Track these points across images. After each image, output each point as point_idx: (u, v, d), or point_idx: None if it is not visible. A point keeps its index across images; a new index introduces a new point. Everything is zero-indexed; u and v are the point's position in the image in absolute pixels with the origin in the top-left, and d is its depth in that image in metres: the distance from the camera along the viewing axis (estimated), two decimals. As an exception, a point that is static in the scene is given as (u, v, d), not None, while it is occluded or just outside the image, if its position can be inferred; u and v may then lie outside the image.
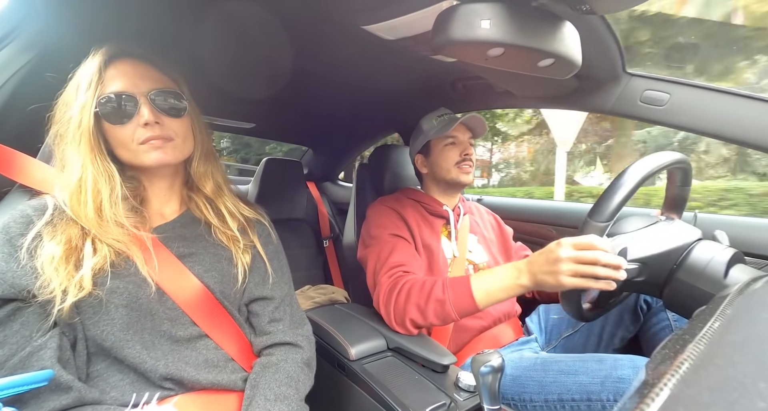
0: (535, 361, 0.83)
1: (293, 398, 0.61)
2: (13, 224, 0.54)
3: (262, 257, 0.71)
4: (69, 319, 0.53)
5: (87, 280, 0.52)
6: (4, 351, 0.49)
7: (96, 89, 0.56)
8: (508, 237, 1.21)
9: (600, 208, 0.67)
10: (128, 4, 0.77)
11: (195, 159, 0.68)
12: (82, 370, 0.54)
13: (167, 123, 0.61)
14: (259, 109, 1.48)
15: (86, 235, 0.55)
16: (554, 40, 0.55)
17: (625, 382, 0.68)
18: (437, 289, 0.81)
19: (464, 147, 1.07)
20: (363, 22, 0.72)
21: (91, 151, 0.57)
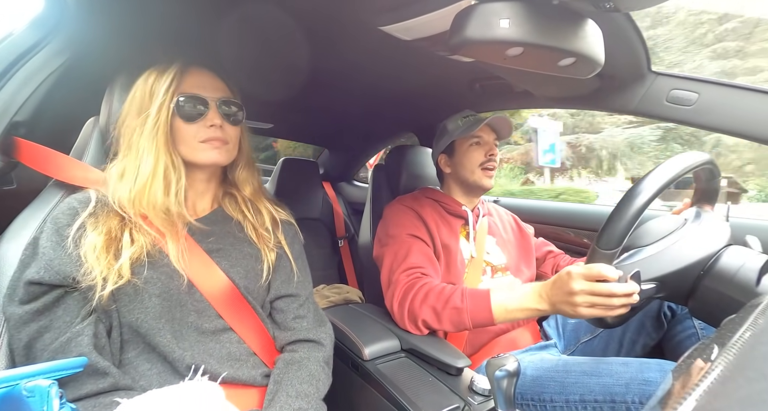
0: (556, 363, 0.81)
1: (313, 396, 0.63)
2: (61, 215, 0.57)
3: (288, 256, 0.74)
4: (107, 306, 0.56)
5: (125, 269, 0.55)
6: (50, 334, 0.52)
7: (174, 90, 0.63)
8: (528, 237, 1.19)
9: (606, 235, 0.64)
10: (152, 9, 0.80)
11: (239, 165, 0.74)
12: (115, 356, 0.57)
13: (227, 128, 0.67)
14: (277, 109, 1.50)
15: (125, 226, 0.59)
16: (576, 39, 0.54)
17: (652, 385, 0.67)
18: (456, 296, 0.81)
19: (489, 147, 1.06)
20: (380, 23, 0.73)
21: (165, 143, 0.62)
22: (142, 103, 0.63)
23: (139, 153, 0.61)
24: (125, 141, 0.63)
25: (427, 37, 0.75)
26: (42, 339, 0.52)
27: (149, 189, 0.60)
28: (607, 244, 0.64)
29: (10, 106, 0.72)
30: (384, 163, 1.34)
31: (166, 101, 0.62)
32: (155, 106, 0.61)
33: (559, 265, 1.16)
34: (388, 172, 1.31)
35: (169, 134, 0.63)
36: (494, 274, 1.03)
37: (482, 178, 1.04)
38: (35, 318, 0.52)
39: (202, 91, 0.65)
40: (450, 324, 0.81)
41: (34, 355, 0.52)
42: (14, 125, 0.73)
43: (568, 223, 1.41)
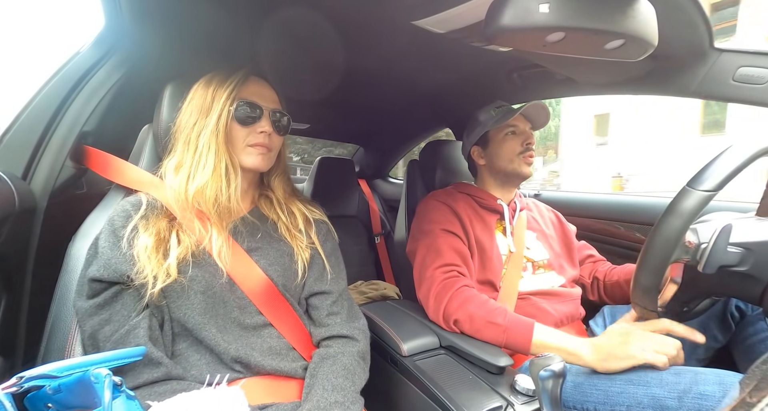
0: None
1: (349, 389, 0.64)
2: (117, 218, 0.63)
3: (321, 255, 0.77)
4: (158, 302, 0.60)
5: (173, 268, 0.59)
6: (109, 327, 0.58)
7: (235, 95, 0.67)
8: (570, 235, 1.13)
9: (709, 170, 0.54)
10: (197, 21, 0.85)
11: (275, 173, 0.78)
12: (168, 348, 0.62)
13: (274, 137, 0.71)
14: (313, 109, 1.54)
15: (173, 227, 0.64)
16: (624, 19, 0.50)
17: (709, 400, 0.60)
18: (499, 314, 0.80)
19: (526, 136, 1.02)
20: (413, 18, 0.72)
21: (225, 143, 0.66)
22: (203, 104, 0.67)
23: (199, 149, 0.65)
24: (183, 138, 0.67)
25: (462, 29, 0.73)
26: (103, 331, 0.57)
27: (212, 184, 0.64)
28: (707, 182, 0.55)
29: (80, 118, 0.80)
30: (419, 159, 1.33)
31: (227, 104, 0.66)
32: (218, 108, 0.65)
33: (597, 270, 1.10)
34: (422, 167, 1.30)
35: (226, 135, 0.67)
36: (536, 271, 0.99)
37: (521, 165, 1.01)
38: (97, 311, 0.58)
39: (259, 100, 0.69)
40: (482, 334, 0.80)
41: (98, 346, 0.57)
42: (83, 135, 0.81)
43: (617, 217, 1.32)
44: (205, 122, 0.66)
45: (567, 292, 0.98)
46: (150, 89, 0.78)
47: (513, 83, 1.14)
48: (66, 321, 0.61)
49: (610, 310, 1.00)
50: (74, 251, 0.65)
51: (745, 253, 0.58)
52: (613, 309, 1.00)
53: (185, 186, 0.64)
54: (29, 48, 0.88)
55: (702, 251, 0.59)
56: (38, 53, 0.86)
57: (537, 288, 0.96)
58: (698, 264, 0.59)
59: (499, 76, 1.12)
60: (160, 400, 0.54)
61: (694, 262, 0.60)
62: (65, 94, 0.79)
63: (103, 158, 0.75)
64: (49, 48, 0.84)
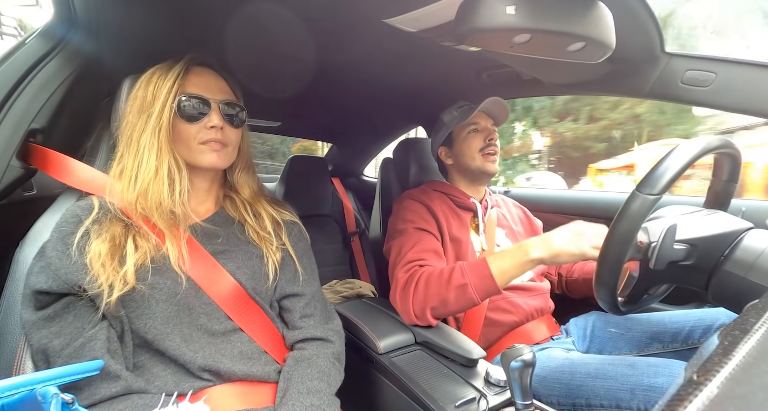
0: (562, 362, 0.80)
1: (325, 392, 0.63)
2: (65, 223, 0.58)
3: (292, 256, 0.74)
4: (115, 313, 0.56)
5: (130, 275, 0.55)
6: (60, 340, 0.53)
7: (177, 89, 0.62)
8: (538, 230, 1.18)
9: (654, 175, 0.59)
10: (157, 14, 0.80)
11: (238, 168, 0.74)
12: (129, 360, 0.58)
13: (227, 131, 0.66)
14: (284, 107, 1.51)
15: (128, 232, 0.59)
16: (585, 23, 0.53)
17: (657, 392, 0.64)
18: (456, 274, 0.80)
19: (487, 132, 1.05)
20: (384, 16, 0.72)
21: (168, 142, 0.62)
22: (144, 101, 0.62)
23: (140, 151, 0.60)
24: (125, 138, 0.63)
25: (433, 28, 0.74)
26: (52, 344, 0.53)
27: (153, 188, 0.59)
28: (652, 186, 0.58)
29: (27, 114, 0.74)
30: (392, 157, 1.33)
31: (168, 100, 0.61)
32: (158, 105, 0.61)
33: (560, 266, 1.15)
34: (396, 165, 1.31)
35: (170, 134, 0.62)
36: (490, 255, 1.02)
37: (485, 163, 1.04)
38: (46, 324, 0.53)
39: (205, 92, 0.64)
40: (457, 304, 0.80)
41: (50, 360, 0.53)
42: (31, 133, 0.75)
43: (582, 213, 1.39)
44: (145, 122, 0.61)
45: (536, 286, 1.02)
46: (106, 85, 0.73)
47: (482, 83, 1.17)
48: (13, 334, 0.57)
49: (602, 319, 0.98)
50: (22, 257, 0.60)
51: (689, 249, 0.64)
52: (606, 318, 0.98)
53: (127, 190, 0.59)
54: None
55: (652, 250, 0.64)
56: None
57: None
58: (649, 261, 0.64)
59: (469, 75, 1.15)
60: None
61: (646, 259, 0.65)
62: (10, 88, 0.72)
63: (55, 158, 0.70)
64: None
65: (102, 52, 0.83)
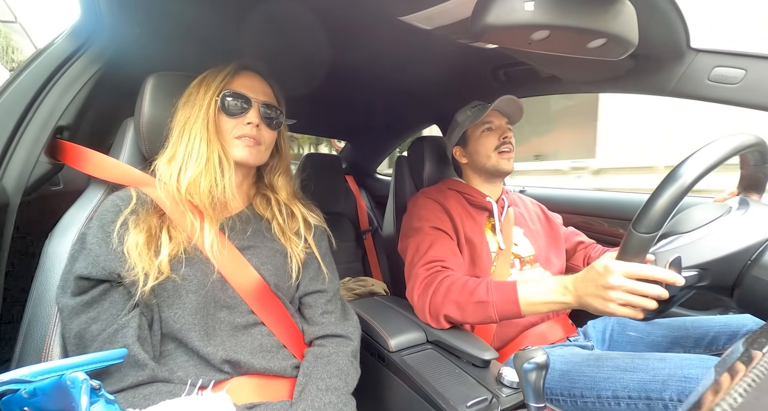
0: (587, 357, 0.79)
1: (342, 390, 0.64)
2: (106, 212, 0.61)
3: (317, 256, 0.76)
4: (148, 301, 0.59)
5: (165, 265, 0.58)
6: (97, 326, 0.56)
7: (224, 86, 0.68)
8: (556, 226, 1.15)
9: (645, 216, 0.58)
10: (177, 14, 0.82)
11: (278, 171, 0.78)
12: (156, 348, 0.60)
13: (263, 130, 0.70)
14: (299, 105, 1.52)
15: (163, 223, 0.62)
16: (606, 19, 0.51)
17: (692, 382, 0.64)
18: (481, 290, 0.79)
19: (502, 131, 1.04)
20: (399, 13, 0.72)
21: (216, 134, 0.66)
22: (196, 95, 0.67)
23: (191, 141, 0.65)
24: (178, 129, 0.67)
25: (449, 25, 0.73)
26: (90, 329, 0.55)
27: (205, 175, 0.63)
28: (646, 226, 0.59)
29: (55, 112, 0.77)
30: (407, 155, 1.33)
31: (215, 95, 0.67)
32: (207, 99, 0.66)
33: (590, 256, 1.12)
34: (410, 164, 1.30)
35: (216, 127, 0.67)
36: (523, 267, 1.01)
37: (500, 162, 1.03)
38: (85, 310, 0.56)
39: (248, 91, 0.69)
40: (475, 317, 0.80)
41: (85, 345, 0.55)
42: (59, 129, 0.78)
43: (599, 213, 1.36)
44: (197, 114, 0.66)
45: None
46: (129, 83, 0.76)
47: (499, 80, 1.16)
48: (43, 322, 0.59)
49: (620, 322, 0.98)
50: (51, 249, 0.63)
51: (701, 273, 0.62)
52: (624, 322, 0.97)
53: (177, 178, 0.63)
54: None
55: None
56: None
57: None
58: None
59: (485, 72, 1.13)
60: (144, 402, 0.53)
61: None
62: (38, 87, 0.75)
63: (82, 153, 0.73)
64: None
65: (126, 51, 0.86)
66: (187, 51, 0.97)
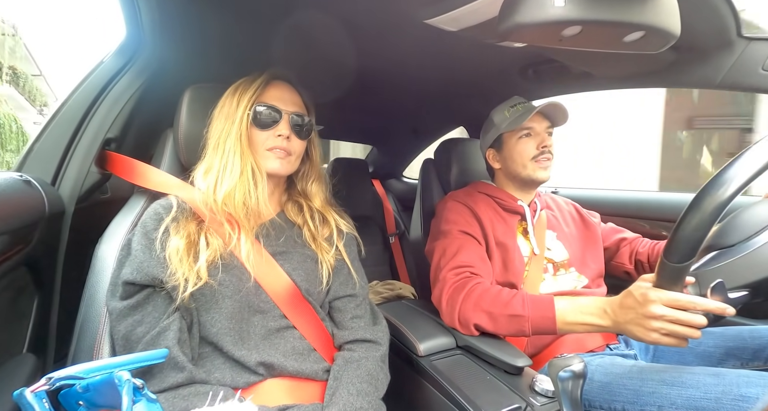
0: (630, 368, 0.74)
1: (373, 395, 0.64)
2: (149, 220, 0.64)
3: (346, 262, 0.77)
4: (188, 305, 0.61)
5: (203, 271, 0.60)
6: (141, 329, 0.59)
7: (255, 99, 0.69)
8: (593, 227, 1.09)
9: (676, 245, 0.53)
10: (213, 29, 0.86)
11: (312, 179, 0.80)
12: (194, 350, 0.62)
13: (293, 141, 0.72)
14: (325, 110, 1.55)
15: (201, 230, 0.65)
16: (644, 9, 0.49)
17: (750, 402, 0.58)
18: (516, 302, 0.77)
19: (541, 138, 0.98)
20: (425, 17, 0.72)
21: (249, 146, 0.68)
22: (229, 108, 0.69)
23: (226, 154, 0.67)
24: (212, 144, 0.69)
25: (474, 26, 0.72)
26: (135, 332, 0.59)
27: (239, 188, 0.65)
28: (678, 256, 0.54)
29: (104, 125, 0.83)
30: (433, 158, 1.32)
31: (247, 108, 0.68)
32: (240, 112, 0.68)
33: (637, 251, 1.05)
34: (437, 166, 1.29)
35: (249, 139, 0.69)
36: (557, 272, 0.97)
37: (536, 171, 0.98)
38: (131, 313, 0.59)
39: (278, 103, 0.70)
40: (506, 330, 0.78)
41: (131, 346, 0.59)
42: (107, 141, 0.84)
43: (639, 214, 1.28)
44: (230, 128, 0.68)
45: (590, 293, 0.96)
46: (169, 96, 0.80)
47: (528, 79, 1.12)
48: (94, 322, 0.63)
49: None
50: (101, 253, 0.67)
51: (754, 292, 0.58)
52: None
53: (213, 190, 0.65)
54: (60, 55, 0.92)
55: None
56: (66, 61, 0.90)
57: (559, 289, 0.94)
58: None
59: (513, 72, 1.10)
60: (183, 403, 0.55)
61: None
62: (90, 103, 0.82)
63: (127, 163, 0.78)
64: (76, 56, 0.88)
65: (166, 65, 0.92)
66: (222, 63, 1.02)
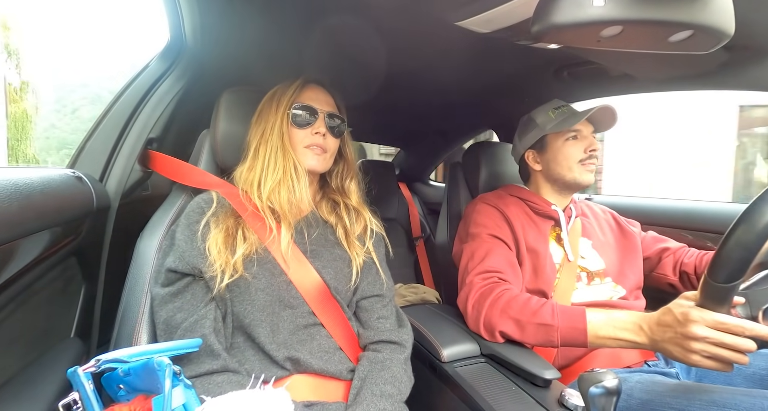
0: (674, 387, 0.69)
1: (396, 398, 0.64)
2: (192, 213, 0.69)
3: (375, 261, 0.78)
4: (223, 295, 0.64)
5: (239, 264, 0.63)
6: (181, 315, 0.62)
7: (293, 100, 0.73)
8: (632, 237, 1.04)
9: (721, 265, 0.50)
10: (248, 35, 0.90)
11: (349, 177, 0.82)
12: (228, 340, 0.65)
13: (329, 139, 0.75)
14: (353, 113, 1.57)
15: (238, 225, 0.68)
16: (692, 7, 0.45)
17: None
18: (545, 312, 0.75)
19: (589, 142, 0.95)
20: (456, 19, 0.71)
21: (288, 145, 0.72)
22: (269, 110, 0.73)
23: (268, 152, 0.71)
24: (254, 144, 0.73)
25: (508, 28, 0.71)
26: (175, 318, 0.62)
27: (284, 185, 0.69)
28: (724, 276, 0.50)
29: (147, 126, 0.88)
30: (461, 161, 1.30)
31: (285, 109, 0.72)
32: (279, 114, 0.72)
33: (682, 261, 0.98)
34: (465, 170, 1.28)
35: (289, 138, 0.72)
36: (591, 281, 0.93)
37: (582, 174, 0.95)
38: (171, 299, 0.63)
39: (314, 103, 0.74)
40: (534, 339, 0.76)
41: (171, 331, 0.62)
42: (149, 141, 0.89)
43: (681, 225, 1.21)
44: (271, 129, 0.72)
45: (628, 304, 0.91)
46: (206, 98, 0.84)
47: (562, 82, 1.09)
48: (134, 310, 0.67)
49: None
50: (142, 247, 0.72)
51: None
52: None
53: (258, 187, 0.69)
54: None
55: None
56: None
57: (593, 299, 0.90)
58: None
59: (547, 74, 1.07)
60: (217, 389, 0.57)
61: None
62: (136, 104, 0.87)
63: (168, 162, 0.82)
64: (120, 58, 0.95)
65: (204, 69, 0.96)
66: (256, 66, 1.05)
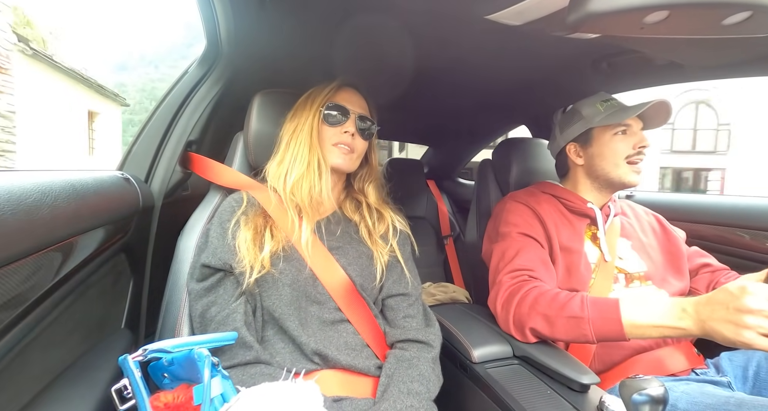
0: (726, 399, 0.64)
1: (424, 396, 0.64)
2: (224, 212, 0.72)
3: (400, 260, 0.79)
4: (252, 290, 0.67)
5: (267, 260, 0.66)
6: (214, 309, 0.66)
7: (327, 100, 0.76)
8: (676, 242, 0.97)
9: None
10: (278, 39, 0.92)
11: (369, 181, 0.84)
12: (259, 333, 0.68)
13: (357, 140, 0.77)
14: (382, 111, 1.57)
15: (267, 224, 0.71)
16: (751, -14, 0.42)
17: None
18: (574, 304, 0.71)
19: (639, 138, 0.90)
20: (486, 12, 0.69)
21: (317, 142, 0.74)
22: (303, 108, 0.76)
23: (297, 146, 0.73)
24: (286, 139, 0.76)
25: (541, 19, 0.68)
26: (209, 311, 0.66)
27: (306, 178, 0.71)
28: None
29: (187, 128, 0.93)
30: (491, 159, 1.27)
31: (319, 107, 0.75)
32: (312, 111, 0.75)
33: (718, 281, 0.92)
34: (496, 167, 1.24)
35: (318, 134, 0.74)
36: (629, 283, 0.88)
37: (629, 173, 0.89)
38: (206, 293, 0.67)
39: (347, 104, 0.77)
40: (565, 334, 0.72)
41: (205, 324, 0.66)
42: (189, 143, 0.94)
43: (737, 223, 1.11)
44: (303, 125, 0.74)
45: None
46: (240, 101, 0.87)
47: (601, 72, 1.03)
48: (177, 304, 0.71)
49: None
50: (182, 244, 0.76)
51: None
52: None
53: (284, 179, 0.72)
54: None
55: None
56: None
57: None
58: None
59: (584, 66, 1.02)
60: (251, 380, 0.60)
61: None
62: (177, 108, 0.92)
63: (205, 163, 0.86)
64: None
65: (238, 73, 1.00)
66: (288, 70, 1.08)
